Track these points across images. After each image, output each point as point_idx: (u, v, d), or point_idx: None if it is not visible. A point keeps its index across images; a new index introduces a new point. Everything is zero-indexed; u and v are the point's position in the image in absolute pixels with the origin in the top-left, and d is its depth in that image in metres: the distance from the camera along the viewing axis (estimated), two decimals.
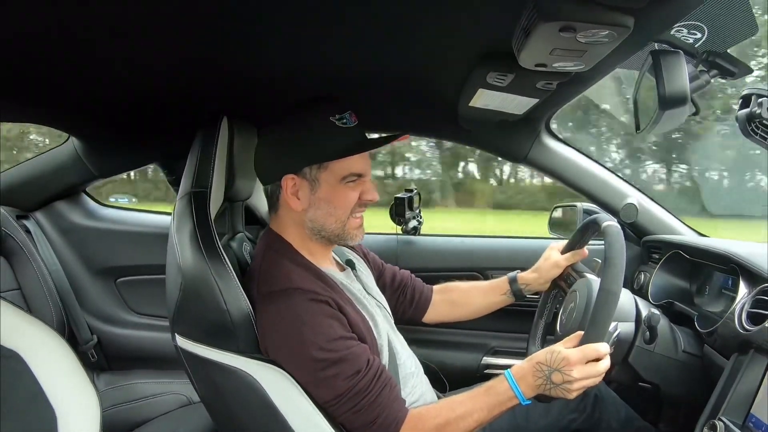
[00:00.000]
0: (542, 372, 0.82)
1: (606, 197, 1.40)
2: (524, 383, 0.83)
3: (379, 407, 0.81)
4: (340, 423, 0.83)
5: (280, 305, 0.83)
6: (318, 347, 0.79)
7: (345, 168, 0.87)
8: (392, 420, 0.82)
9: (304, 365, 0.80)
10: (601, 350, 0.81)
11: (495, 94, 0.99)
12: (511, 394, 0.83)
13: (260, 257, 0.92)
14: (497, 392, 0.84)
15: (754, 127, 0.80)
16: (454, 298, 1.20)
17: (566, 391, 0.81)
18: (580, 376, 0.80)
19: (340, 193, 0.88)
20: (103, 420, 0.77)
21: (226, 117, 0.97)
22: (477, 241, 1.68)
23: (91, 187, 1.60)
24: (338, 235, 0.91)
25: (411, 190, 1.57)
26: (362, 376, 0.81)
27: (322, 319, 0.82)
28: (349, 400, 0.80)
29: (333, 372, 0.80)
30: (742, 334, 0.84)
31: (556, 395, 0.82)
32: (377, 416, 0.81)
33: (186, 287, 0.83)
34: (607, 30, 0.64)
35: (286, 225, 0.93)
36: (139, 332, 1.58)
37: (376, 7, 0.72)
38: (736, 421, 0.79)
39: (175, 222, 0.88)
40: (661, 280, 1.21)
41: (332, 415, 0.82)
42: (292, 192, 0.88)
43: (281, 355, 0.82)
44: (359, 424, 0.82)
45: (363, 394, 0.81)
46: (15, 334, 0.73)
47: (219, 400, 0.89)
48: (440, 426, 0.82)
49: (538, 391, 0.83)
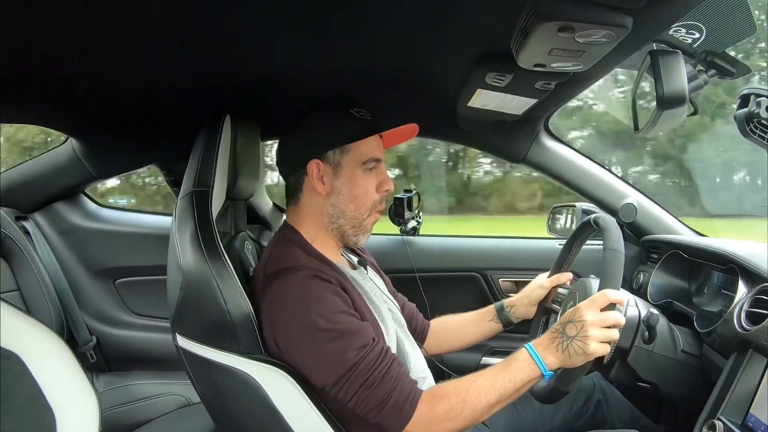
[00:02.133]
0: (557, 331, 0.81)
1: (605, 197, 1.40)
2: (542, 348, 0.81)
3: (392, 381, 0.79)
4: (352, 408, 0.80)
5: (283, 281, 0.83)
6: (324, 318, 0.79)
7: (365, 153, 0.92)
8: (407, 396, 0.79)
9: (312, 339, 0.80)
10: (610, 296, 0.80)
11: (494, 94, 0.99)
12: (532, 363, 0.81)
13: (272, 246, 0.94)
14: (518, 362, 0.82)
15: (753, 126, 0.80)
16: (447, 331, 1.19)
17: (584, 341, 0.78)
18: (593, 319, 0.79)
19: (360, 179, 0.92)
20: (103, 421, 0.76)
21: (229, 115, 0.97)
22: (476, 241, 1.68)
23: (90, 187, 1.60)
24: (354, 226, 0.94)
25: (410, 191, 1.57)
26: (370, 349, 0.80)
27: (326, 294, 0.82)
28: (360, 373, 0.78)
29: (341, 344, 0.79)
30: (741, 334, 0.84)
31: (575, 353, 0.78)
32: (391, 392, 0.79)
33: (187, 287, 0.83)
34: (606, 30, 0.64)
35: (305, 215, 0.95)
36: (139, 333, 1.58)
37: (375, 8, 0.72)
38: (735, 421, 0.79)
39: (176, 221, 0.88)
40: (660, 280, 1.21)
41: (343, 399, 0.80)
42: (317, 177, 0.91)
43: (289, 332, 0.81)
44: (372, 404, 0.79)
45: (373, 366, 0.79)
46: (14, 335, 0.73)
47: (219, 400, 0.89)
48: (461, 401, 0.79)
49: (558, 354, 0.80)
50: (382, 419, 0.79)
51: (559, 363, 0.81)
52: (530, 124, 1.31)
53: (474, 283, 1.57)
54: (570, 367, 0.81)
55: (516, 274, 1.56)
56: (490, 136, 1.37)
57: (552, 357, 0.81)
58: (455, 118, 1.21)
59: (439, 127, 1.40)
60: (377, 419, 0.79)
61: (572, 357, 0.79)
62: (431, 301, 1.50)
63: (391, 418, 0.79)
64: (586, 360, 0.79)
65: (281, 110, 0.96)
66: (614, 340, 0.81)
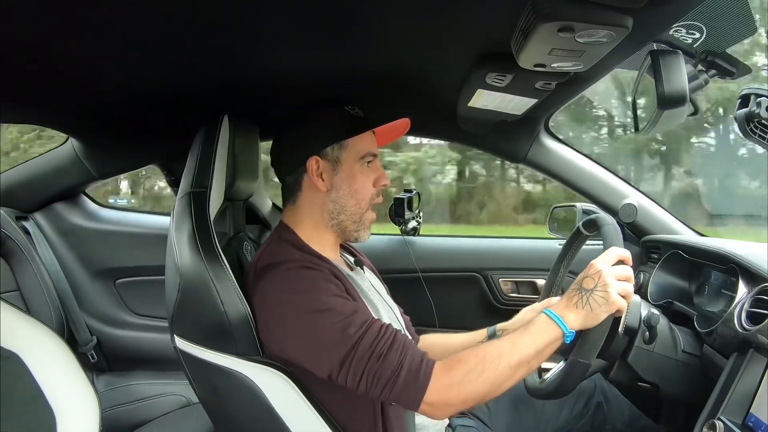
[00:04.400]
0: (573, 290, 0.80)
1: (605, 197, 1.40)
2: (560, 309, 0.80)
3: (400, 349, 0.77)
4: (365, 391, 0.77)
5: (273, 273, 0.83)
6: (319, 301, 0.79)
7: (362, 148, 0.93)
8: (419, 363, 0.76)
9: (309, 322, 0.78)
10: (619, 252, 0.81)
11: (494, 94, 0.99)
12: (551, 323, 0.78)
13: (265, 245, 0.94)
14: (536, 323, 0.79)
15: (753, 126, 0.79)
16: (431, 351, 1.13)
17: (605, 292, 0.77)
18: (610, 271, 0.79)
19: (359, 174, 0.93)
20: (103, 421, 0.76)
21: (227, 115, 0.97)
22: (476, 241, 1.68)
23: (91, 188, 1.61)
24: (355, 221, 0.94)
25: (410, 191, 1.57)
26: (371, 324, 0.79)
27: (317, 279, 0.82)
28: (365, 347, 0.76)
29: (339, 322, 0.78)
30: (742, 334, 0.84)
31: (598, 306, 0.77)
32: (401, 360, 0.76)
33: (184, 289, 0.83)
34: (606, 30, 0.64)
35: (303, 214, 0.94)
36: (139, 333, 1.58)
37: (375, 8, 0.72)
38: (735, 421, 0.79)
39: (174, 222, 0.88)
40: (661, 280, 1.21)
41: (353, 381, 0.76)
42: (316, 174, 0.91)
43: (284, 321, 0.80)
44: (385, 377, 0.75)
45: (378, 338, 0.77)
46: (14, 335, 0.73)
47: (218, 402, 0.89)
48: (479, 363, 0.76)
49: (579, 310, 0.78)
50: (398, 393, 0.76)
51: (581, 320, 0.79)
52: (530, 124, 1.32)
53: (474, 284, 1.57)
54: (592, 325, 0.79)
55: (516, 275, 1.56)
56: (490, 136, 1.37)
57: (572, 315, 0.79)
58: (455, 119, 1.21)
59: (439, 127, 1.40)
60: (393, 394, 0.76)
61: (594, 310, 0.78)
62: (431, 301, 1.50)
63: (408, 390, 0.75)
64: (609, 312, 0.78)
65: (280, 110, 0.96)
66: (630, 295, 0.80)
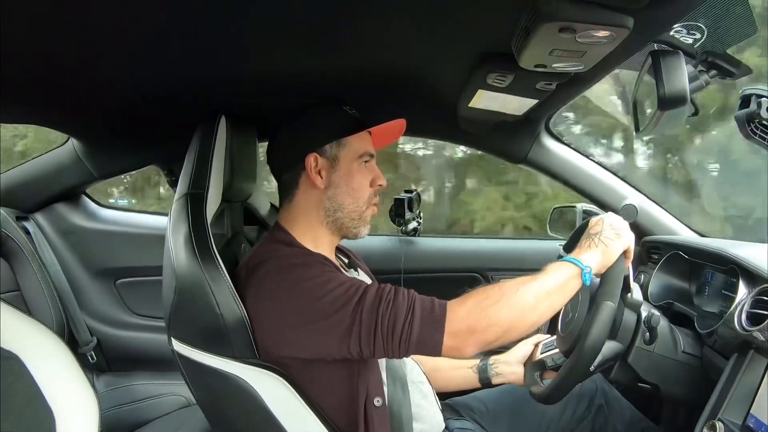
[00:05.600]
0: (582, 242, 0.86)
1: (605, 197, 1.40)
2: (574, 254, 0.84)
3: (407, 294, 0.77)
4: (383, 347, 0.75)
5: (263, 269, 0.83)
6: (312, 281, 0.79)
7: (360, 147, 0.94)
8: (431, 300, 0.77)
9: (306, 303, 0.78)
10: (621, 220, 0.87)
11: (495, 95, 0.99)
12: (568, 264, 0.82)
13: (258, 245, 0.94)
14: (554, 265, 0.82)
15: (754, 127, 0.80)
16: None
17: (615, 230, 0.84)
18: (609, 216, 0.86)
19: (356, 172, 0.93)
20: (103, 421, 0.76)
21: (224, 116, 0.97)
22: (477, 241, 1.68)
23: (91, 188, 1.60)
24: (354, 218, 0.94)
25: (411, 191, 1.57)
26: (369, 286, 0.79)
27: (310, 264, 0.83)
28: (371, 301, 0.76)
29: (337, 289, 0.78)
30: (742, 335, 0.84)
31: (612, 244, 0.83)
32: (412, 301, 0.75)
33: (180, 291, 0.83)
34: (607, 31, 0.64)
35: (298, 212, 0.94)
36: (139, 334, 1.57)
37: (374, 8, 0.72)
38: (735, 422, 0.79)
39: (170, 225, 0.87)
40: (661, 281, 1.21)
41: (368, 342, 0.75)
42: (315, 171, 0.91)
43: (282, 312, 0.80)
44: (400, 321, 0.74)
45: (381, 289, 0.78)
46: (14, 336, 0.73)
47: (215, 404, 0.89)
48: (497, 290, 0.78)
49: (593, 251, 0.83)
50: (417, 335, 0.74)
51: (597, 257, 0.83)
52: (531, 124, 1.31)
53: (475, 284, 1.55)
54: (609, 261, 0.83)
55: (517, 275, 1.54)
56: (490, 136, 1.37)
57: (587, 254, 0.83)
58: (456, 119, 1.21)
59: (439, 128, 1.40)
60: (413, 338, 0.74)
61: (609, 246, 0.83)
62: None
63: (426, 328, 0.74)
64: (622, 246, 0.84)
65: (279, 110, 0.96)
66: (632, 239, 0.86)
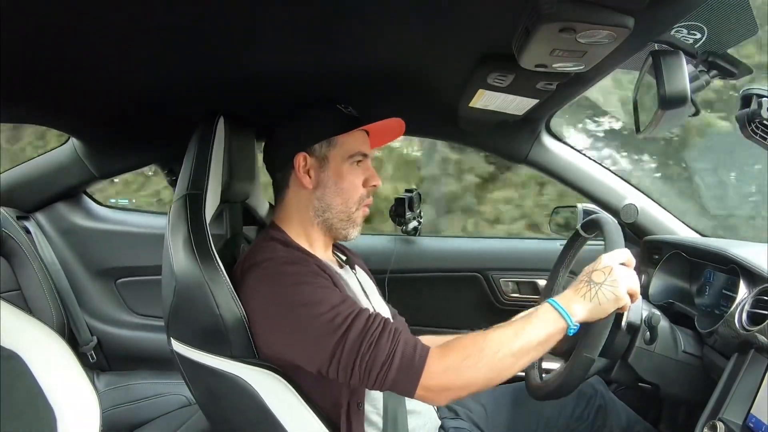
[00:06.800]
0: (581, 282, 0.79)
1: (606, 198, 1.40)
2: (566, 300, 0.77)
3: (392, 335, 0.75)
4: (358, 382, 0.75)
5: (258, 270, 0.83)
6: (304, 294, 0.78)
7: (352, 146, 0.93)
8: (413, 348, 0.74)
9: (294, 315, 0.77)
10: (628, 254, 0.81)
11: (495, 94, 0.99)
12: (555, 313, 0.76)
13: (253, 244, 0.93)
14: (540, 315, 0.76)
15: (754, 127, 0.79)
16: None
17: (614, 285, 0.76)
18: (619, 266, 0.78)
19: (347, 173, 0.92)
20: (103, 421, 0.76)
21: (223, 117, 0.97)
22: (477, 241, 1.68)
23: (92, 187, 1.61)
24: (342, 219, 0.93)
25: (411, 191, 1.57)
26: (358, 312, 0.77)
27: (304, 272, 0.81)
28: (355, 335, 0.74)
29: (327, 313, 0.76)
30: (743, 334, 0.84)
31: (606, 299, 0.76)
32: (394, 346, 0.74)
33: (179, 292, 0.83)
34: (607, 31, 0.64)
35: (292, 212, 0.94)
36: (139, 333, 1.58)
37: (374, 8, 0.72)
38: (736, 422, 0.79)
39: (170, 225, 0.88)
40: (661, 281, 1.21)
41: (345, 372, 0.75)
42: (303, 170, 0.91)
43: (270, 316, 0.80)
44: (378, 363, 0.73)
45: (367, 325, 0.75)
46: (15, 335, 0.73)
47: (215, 404, 0.89)
48: (477, 350, 0.74)
49: (586, 303, 0.77)
50: (393, 379, 0.73)
51: (587, 312, 0.77)
52: (531, 124, 1.31)
53: (475, 284, 1.56)
54: (597, 318, 0.78)
55: (518, 275, 1.56)
56: (491, 136, 1.37)
57: (578, 306, 0.77)
58: (456, 119, 1.21)
59: (440, 128, 1.40)
60: (387, 381, 0.74)
61: (603, 304, 0.77)
62: (432, 301, 1.50)
63: (402, 375, 0.73)
64: (616, 307, 0.77)
65: (278, 110, 0.96)
66: (637, 294, 0.80)
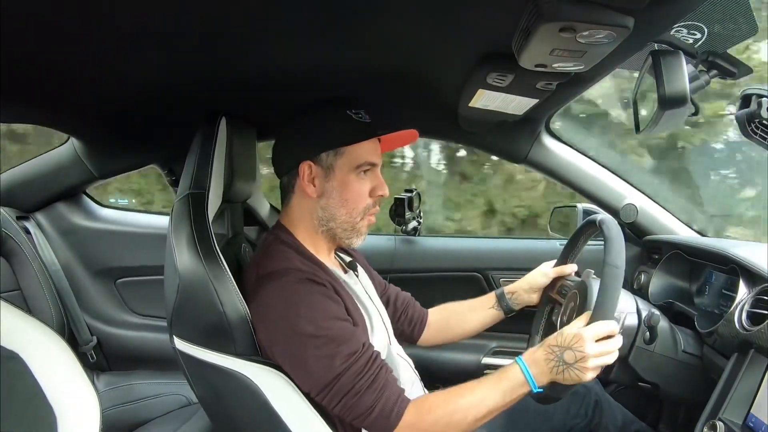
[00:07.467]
0: (554, 353, 0.80)
1: (606, 197, 1.40)
2: (536, 368, 0.81)
3: (379, 389, 0.79)
4: (336, 415, 0.81)
5: (276, 283, 0.83)
6: (314, 324, 0.79)
7: (360, 156, 0.90)
8: (393, 405, 0.79)
9: (299, 343, 0.79)
10: (612, 327, 0.80)
11: (495, 94, 0.99)
12: (522, 380, 0.80)
13: (265, 246, 0.93)
14: (509, 378, 0.81)
15: (754, 127, 0.80)
16: (448, 319, 1.17)
17: (581, 371, 0.78)
18: (594, 352, 0.78)
19: (352, 183, 0.90)
20: (103, 420, 0.76)
21: (225, 117, 0.97)
22: (477, 241, 1.68)
23: (91, 187, 1.61)
24: (346, 229, 0.92)
25: (411, 191, 1.57)
26: (359, 357, 0.79)
27: (318, 298, 0.82)
28: (347, 381, 0.78)
29: (329, 351, 0.78)
30: (742, 334, 0.84)
31: (570, 379, 0.79)
32: (377, 400, 0.78)
33: (183, 290, 0.83)
34: (607, 30, 0.64)
35: (297, 218, 0.94)
36: (139, 333, 1.58)
37: (374, 7, 0.72)
38: (736, 421, 0.79)
39: (172, 223, 0.88)
40: (661, 281, 1.21)
41: (328, 406, 0.80)
42: (308, 179, 0.90)
43: (278, 335, 0.81)
44: (358, 411, 0.78)
45: (360, 374, 0.78)
46: (15, 335, 0.73)
47: (217, 402, 0.89)
48: (448, 414, 0.79)
49: (551, 376, 0.80)
50: (370, 424, 0.79)
51: (549, 383, 0.82)
52: (531, 124, 1.31)
53: (475, 284, 1.56)
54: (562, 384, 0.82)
55: (518, 274, 1.54)
56: (491, 136, 1.37)
57: (544, 377, 0.81)
58: (456, 119, 1.21)
59: (439, 128, 1.40)
60: (365, 424, 0.80)
61: (566, 381, 0.80)
62: (432, 301, 1.50)
63: (379, 423, 0.79)
64: (578, 383, 0.81)
65: (278, 110, 0.96)
66: (603, 366, 0.81)
